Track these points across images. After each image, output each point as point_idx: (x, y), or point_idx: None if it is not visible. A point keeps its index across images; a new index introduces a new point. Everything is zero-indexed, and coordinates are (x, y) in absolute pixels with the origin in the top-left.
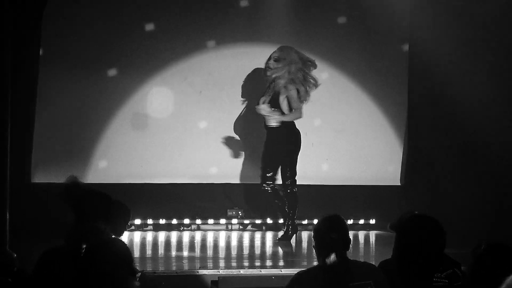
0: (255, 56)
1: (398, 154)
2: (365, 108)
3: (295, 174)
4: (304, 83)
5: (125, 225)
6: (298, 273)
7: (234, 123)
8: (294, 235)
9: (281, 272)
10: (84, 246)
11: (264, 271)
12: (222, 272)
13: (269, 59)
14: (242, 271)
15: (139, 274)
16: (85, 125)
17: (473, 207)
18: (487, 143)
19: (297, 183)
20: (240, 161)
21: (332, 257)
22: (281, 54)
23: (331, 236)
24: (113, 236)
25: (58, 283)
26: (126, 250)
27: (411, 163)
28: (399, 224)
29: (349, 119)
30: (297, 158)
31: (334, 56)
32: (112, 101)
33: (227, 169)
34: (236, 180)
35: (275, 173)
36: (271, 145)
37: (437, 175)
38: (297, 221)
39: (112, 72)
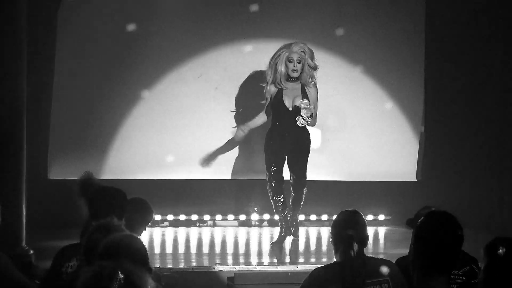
0: (271, 52)
1: (415, 149)
2: (382, 103)
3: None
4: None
5: (144, 224)
6: (316, 269)
7: None
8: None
9: (297, 269)
10: (99, 242)
11: (280, 267)
12: (238, 268)
13: (290, 61)
14: (258, 267)
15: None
16: (101, 121)
17: (489, 203)
18: (504, 138)
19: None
20: (259, 157)
21: (350, 253)
22: (302, 55)
23: (348, 232)
24: (129, 233)
25: (74, 280)
26: (141, 246)
27: (428, 158)
28: (416, 220)
29: (365, 115)
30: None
31: (350, 52)
32: (128, 97)
33: (245, 165)
34: (254, 176)
35: None
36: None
37: (453, 171)
38: (314, 217)
39: (127, 68)
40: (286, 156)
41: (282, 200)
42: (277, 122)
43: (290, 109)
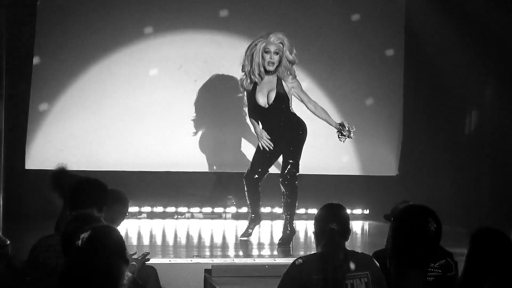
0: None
1: (394, 144)
2: (361, 98)
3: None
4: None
5: (122, 215)
6: (298, 259)
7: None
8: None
9: (274, 261)
10: (76, 233)
11: (257, 260)
12: (215, 260)
13: (266, 52)
14: (235, 260)
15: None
16: (79, 112)
17: (467, 197)
18: (482, 133)
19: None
20: (236, 149)
21: (332, 246)
22: (279, 46)
23: (331, 226)
24: (106, 224)
25: (52, 271)
26: (119, 238)
27: (407, 153)
28: (393, 214)
29: (345, 109)
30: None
31: (330, 47)
32: (107, 88)
33: (222, 157)
34: (233, 169)
35: None
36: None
37: (432, 165)
38: None
39: (107, 58)
40: (280, 154)
41: (259, 200)
42: (259, 122)
43: (266, 106)
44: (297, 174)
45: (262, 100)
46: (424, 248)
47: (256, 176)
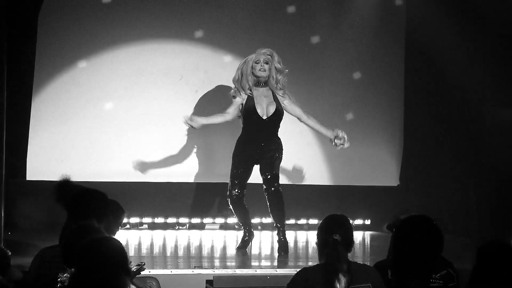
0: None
1: (395, 154)
2: (362, 107)
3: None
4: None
5: (118, 225)
6: (304, 269)
7: None
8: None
9: (276, 272)
10: (78, 244)
11: (259, 271)
12: (217, 271)
13: (256, 63)
14: (237, 271)
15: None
16: (81, 123)
17: (469, 207)
18: (484, 144)
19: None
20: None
21: (335, 257)
22: (268, 57)
23: (334, 237)
24: (107, 235)
25: (53, 282)
26: (121, 249)
27: (408, 163)
28: (395, 225)
29: (346, 119)
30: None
31: (332, 56)
32: (109, 99)
33: (222, 167)
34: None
35: None
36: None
37: (433, 176)
38: (293, 221)
39: (108, 70)
40: (258, 165)
41: (248, 217)
42: (250, 132)
43: (264, 117)
44: (279, 187)
45: (261, 111)
46: (426, 259)
47: (237, 191)
